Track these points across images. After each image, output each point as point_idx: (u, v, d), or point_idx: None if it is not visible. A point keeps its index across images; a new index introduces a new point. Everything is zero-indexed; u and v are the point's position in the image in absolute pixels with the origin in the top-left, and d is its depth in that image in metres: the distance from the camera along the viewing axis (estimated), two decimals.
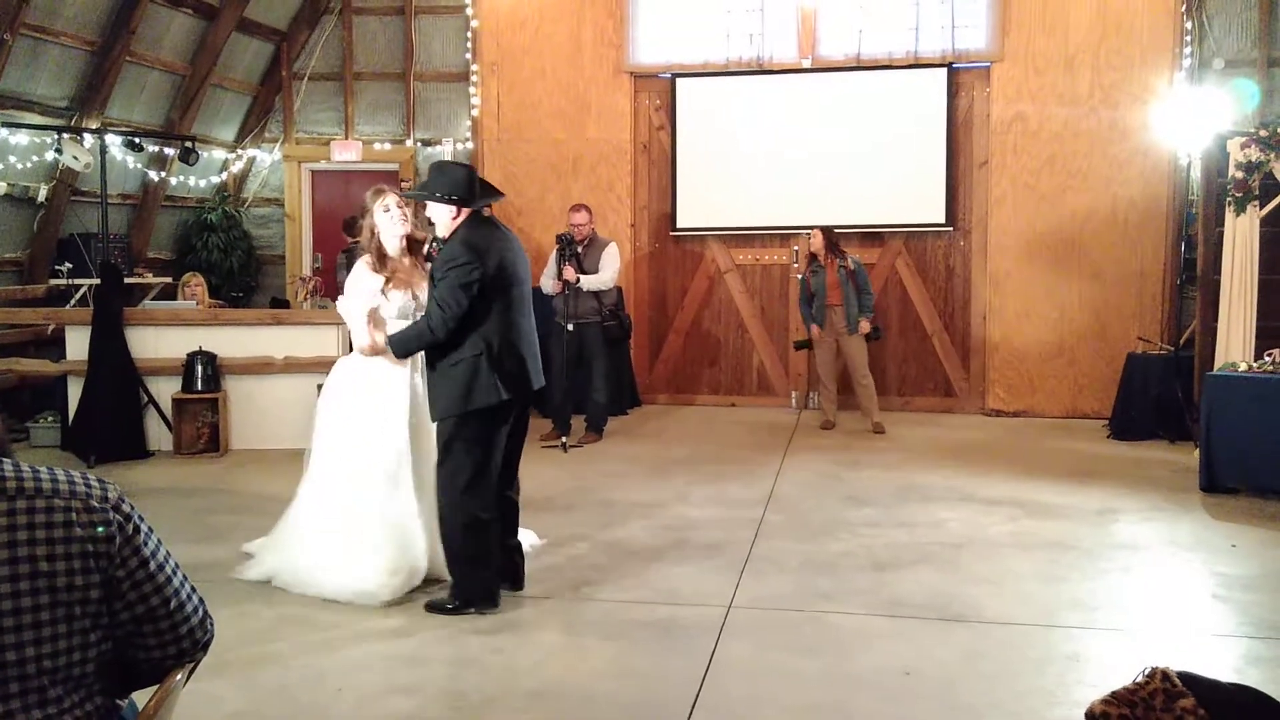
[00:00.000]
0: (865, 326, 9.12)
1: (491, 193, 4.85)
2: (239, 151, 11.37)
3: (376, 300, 4.96)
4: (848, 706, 3.74)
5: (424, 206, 4.78)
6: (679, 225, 10.46)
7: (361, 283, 5.00)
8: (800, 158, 10.06)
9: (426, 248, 5.14)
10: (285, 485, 7.10)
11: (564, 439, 8.33)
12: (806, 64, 10.21)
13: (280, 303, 10.14)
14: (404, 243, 5.06)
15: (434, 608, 4.70)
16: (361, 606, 4.72)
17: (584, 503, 6.68)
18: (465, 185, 4.64)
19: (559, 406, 8.45)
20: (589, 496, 6.85)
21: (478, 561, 4.67)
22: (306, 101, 11.33)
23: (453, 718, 3.65)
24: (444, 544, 4.77)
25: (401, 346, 4.74)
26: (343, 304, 5.09)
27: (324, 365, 8.18)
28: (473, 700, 3.78)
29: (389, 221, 5.00)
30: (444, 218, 4.67)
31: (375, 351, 4.90)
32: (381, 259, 5.02)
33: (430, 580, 4.98)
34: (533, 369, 4.80)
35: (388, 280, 4.98)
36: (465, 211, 4.66)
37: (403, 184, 11.10)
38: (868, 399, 9.15)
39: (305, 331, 8.46)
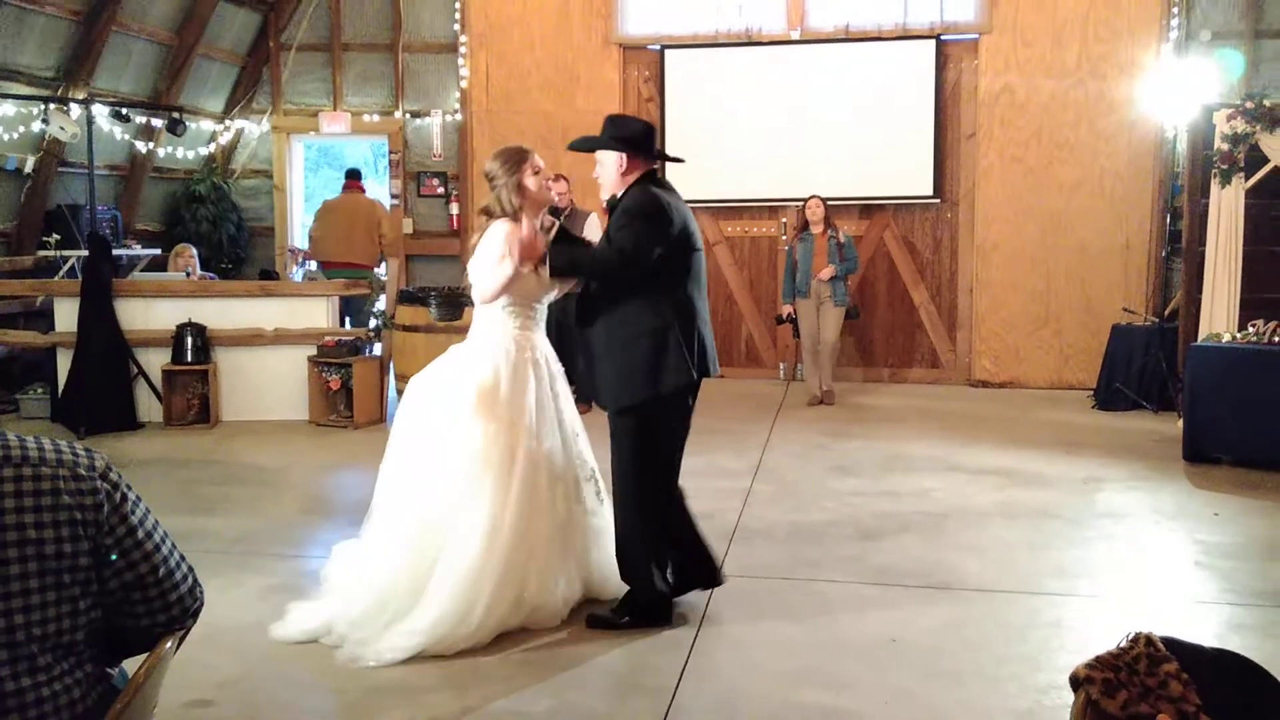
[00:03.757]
0: (830, 271, 8.95)
1: (667, 155, 4.35)
2: (227, 123, 11.31)
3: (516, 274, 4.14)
4: (834, 673, 3.79)
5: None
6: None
7: (509, 250, 4.09)
8: (789, 130, 10.05)
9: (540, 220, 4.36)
10: (275, 457, 7.17)
11: None
12: (795, 35, 10.18)
13: (269, 274, 10.13)
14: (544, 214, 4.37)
15: (599, 622, 4.15)
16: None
17: None
18: (644, 138, 4.17)
19: None
20: None
21: (657, 570, 4.14)
22: (294, 72, 11.26)
23: (438, 686, 3.69)
24: (620, 550, 4.19)
25: (565, 260, 4.06)
26: (477, 265, 4.20)
27: (314, 337, 8.25)
28: (467, 667, 3.82)
29: (537, 186, 4.23)
30: (612, 174, 4.13)
31: (533, 252, 4.04)
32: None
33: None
34: (712, 348, 4.19)
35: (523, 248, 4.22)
36: (636, 170, 4.13)
37: (392, 155, 11.08)
38: (823, 365, 9.14)
39: (295, 303, 8.47)
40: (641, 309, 4.00)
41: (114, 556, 1.98)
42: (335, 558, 4.54)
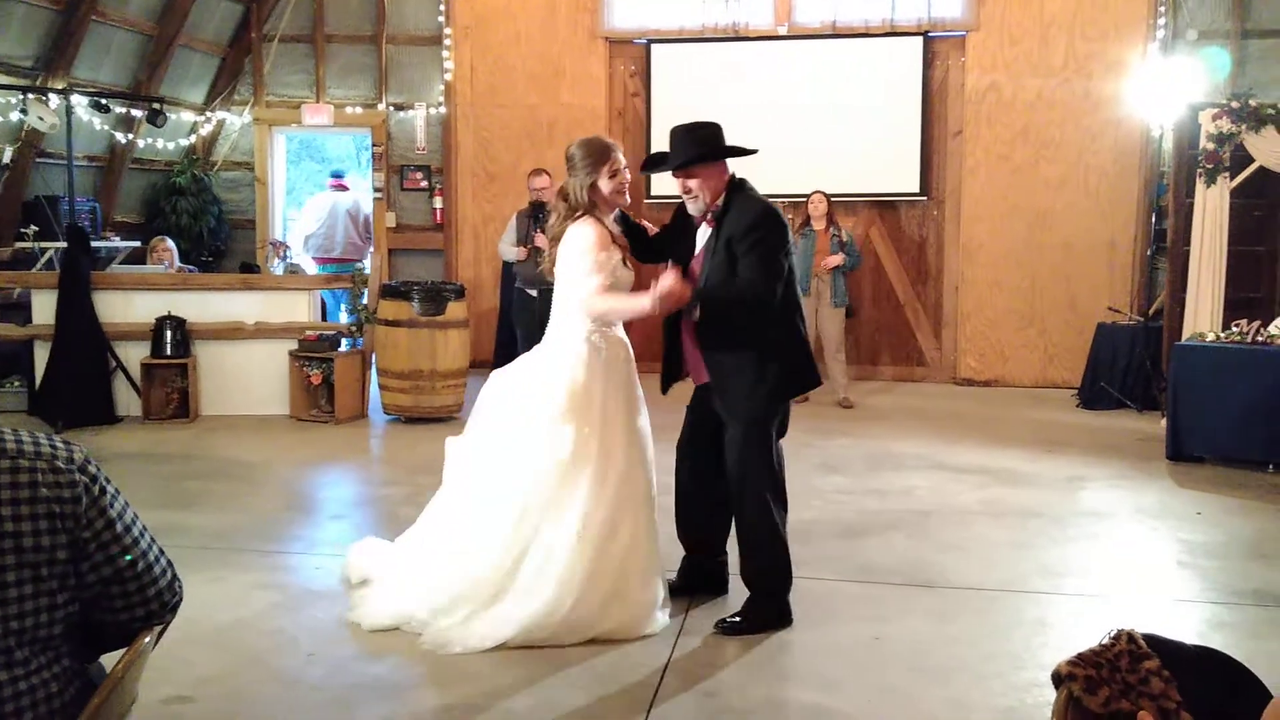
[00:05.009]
0: (837, 259, 8.83)
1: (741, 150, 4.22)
2: (208, 114, 11.21)
3: (615, 276, 4.08)
4: (818, 670, 3.77)
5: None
6: (654, 193, 10.42)
7: (603, 254, 4.03)
8: (776, 125, 10.02)
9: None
10: (256, 452, 7.11)
11: None
12: (783, 31, 10.16)
13: (250, 267, 10.05)
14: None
15: (728, 629, 4.08)
16: (335, 579, 4.69)
17: None
18: (723, 139, 4.12)
19: None
20: None
21: (787, 577, 4.18)
22: (277, 64, 11.17)
23: (420, 683, 3.65)
24: (749, 555, 4.15)
25: (721, 306, 3.97)
26: (585, 280, 4.02)
27: (294, 331, 8.19)
28: (449, 663, 3.78)
29: (612, 189, 4.12)
30: (716, 187, 4.06)
31: (678, 302, 3.89)
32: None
33: None
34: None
35: (624, 252, 4.15)
36: (727, 175, 4.10)
37: (375, 148, 11.01)
38: (840, 373, 9.09)
39: (276, 296, 8.40)
40: (766, 319, 4.01)
41: (92, 548, 1.95)
42: (366, 552, 4.57)
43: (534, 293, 8.38)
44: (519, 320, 8.52)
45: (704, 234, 4.18)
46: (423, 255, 11.01)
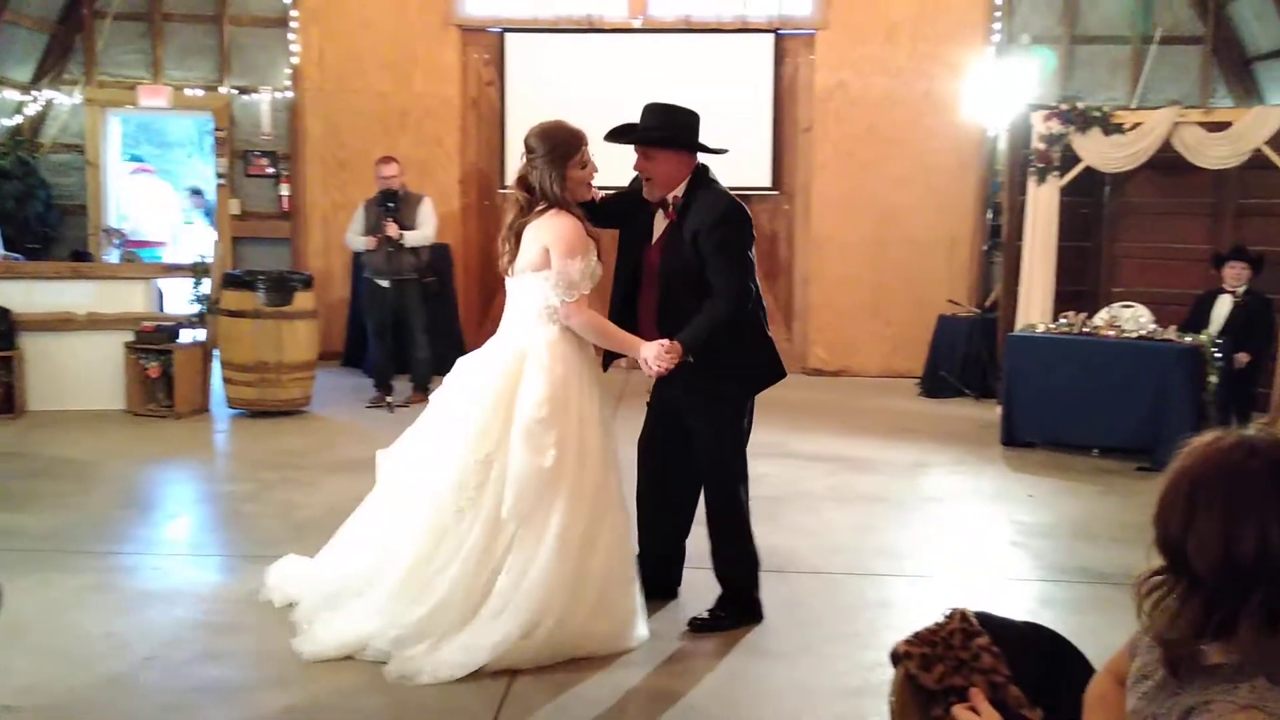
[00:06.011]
0: None
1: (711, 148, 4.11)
2: (34, 94, 10.59)
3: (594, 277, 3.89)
4: (665, 655, 3.82)
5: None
6: (509, 183, 10.31)
7: (589, 257, 3.87)
8: (630, 117, 10.02)
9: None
10: (88, 449, 6.77)
11: (389, 399, 8.16)
12: (637, 24, 10.20)
13: (82, 255, 9.56)
14: None
15: (704, 625, 4.02)
16: (175, 580, 4.51)
17: None
18: (697, 132, 4.02)
19: (382, 367, 8.27)
20: None
21: (757, 569, 4.16)
22: (110, 42, 10.62)
23: (262, 684, 3.54)
24: (723, 548, 4.12)
25: (704, 338, 3.84)
26: (567, 290, 3.80)
27: (130, 322, 7.82)
28: (296, 663, 3.67)
29: (582, 180, 3.97)
30: (674, 175, 3.96)
31: (671, 363, 3.77)
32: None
33: None
34: None
35: (597, 244, 3.95)
36: (691, 167, 3.99)
37: (217, 132, 10.60)
38: None
39: (110, 286, 8.02)
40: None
41: None
42: (287, 573, 4.20)
43: (385, 283, 8.22)
44: (369, 312, 8.37)
45: (660, 221, 4.07)
46: (269, 244, 10.65)
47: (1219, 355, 6.89)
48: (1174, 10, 9.95)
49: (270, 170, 10.65)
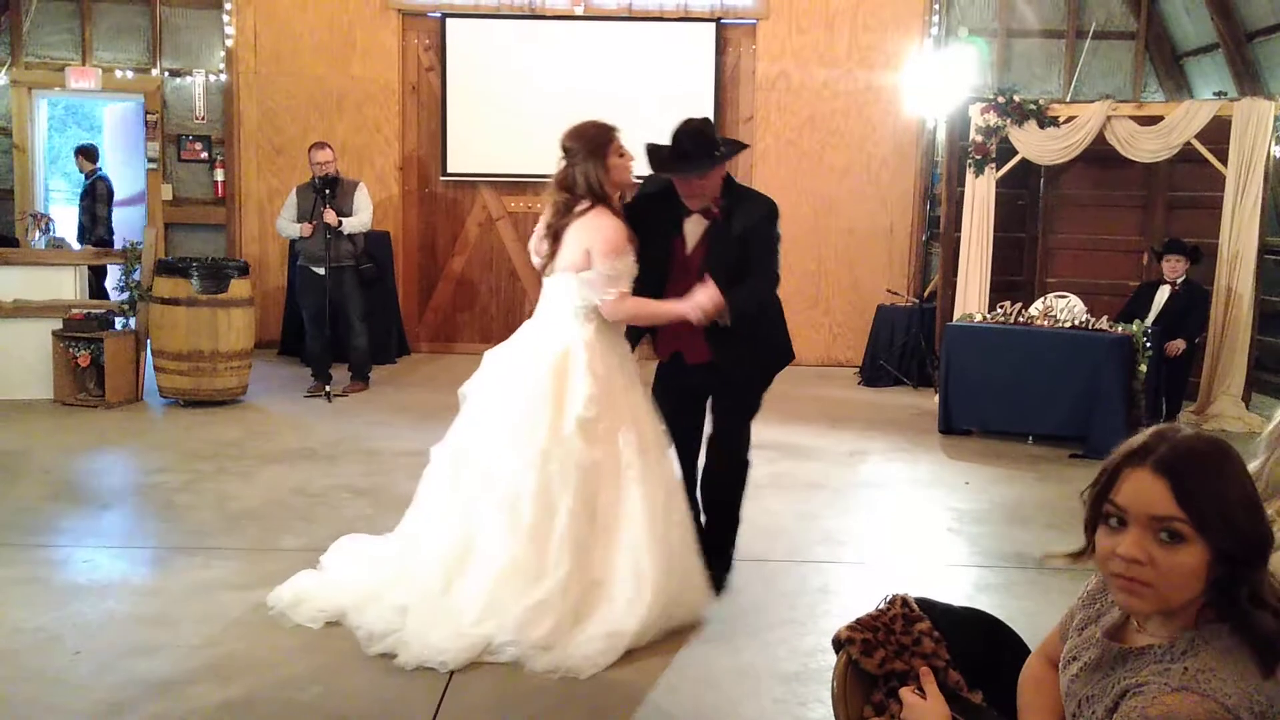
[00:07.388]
0: None
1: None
2: None
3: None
4: None
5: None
6: (449, 170, 10.24)
7: (628, 256, 3.94)
8: (573, 106, 9.94)
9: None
10: (14, 439, 6.60)
11: (327, 389, 8.06)
12: (579, 11, 10.15)
13: (8, 241, 9.30)
14: None
15: (722, 583, 4.30)
16: (106, 573, 4.41)
17: (348, 453, 6.49)
18: (718, 136, 4.30)
19: (319, 355, 8.16)
20: (354, 446, 6.66)
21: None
22: (38, 22, 10.33)
23: (197, 678, 3.48)
24: (727, 528, 4.43)
25: (751, 302, 4.15)
26: (606, 288, 3.88)
27: (59, 310, 7.63)
28: (232, 655, 3.62)
29: (621, 169, 4.09)
30: (718, 184, 4.16)
31: (716, 311, 3.95)
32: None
33: None
34: None
35: (634, 242, 4.00)
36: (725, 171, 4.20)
37: (149, 116, 10.37)
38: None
39: (38, 273, 7.82)
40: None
41: None
42: (349, 555, 4.17)
43: (320, 270, 8.11)
44: (305, 300, 8.26)
45: (695, 223, 4.18)
46: (203, 230, 10.45)
47: (1149, 345, 7.04)
48: (1107, 6, 10.13)
49: (204, 155, 10.44)
